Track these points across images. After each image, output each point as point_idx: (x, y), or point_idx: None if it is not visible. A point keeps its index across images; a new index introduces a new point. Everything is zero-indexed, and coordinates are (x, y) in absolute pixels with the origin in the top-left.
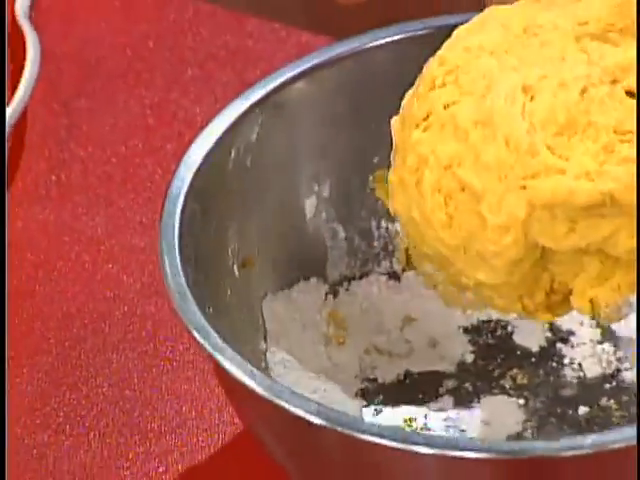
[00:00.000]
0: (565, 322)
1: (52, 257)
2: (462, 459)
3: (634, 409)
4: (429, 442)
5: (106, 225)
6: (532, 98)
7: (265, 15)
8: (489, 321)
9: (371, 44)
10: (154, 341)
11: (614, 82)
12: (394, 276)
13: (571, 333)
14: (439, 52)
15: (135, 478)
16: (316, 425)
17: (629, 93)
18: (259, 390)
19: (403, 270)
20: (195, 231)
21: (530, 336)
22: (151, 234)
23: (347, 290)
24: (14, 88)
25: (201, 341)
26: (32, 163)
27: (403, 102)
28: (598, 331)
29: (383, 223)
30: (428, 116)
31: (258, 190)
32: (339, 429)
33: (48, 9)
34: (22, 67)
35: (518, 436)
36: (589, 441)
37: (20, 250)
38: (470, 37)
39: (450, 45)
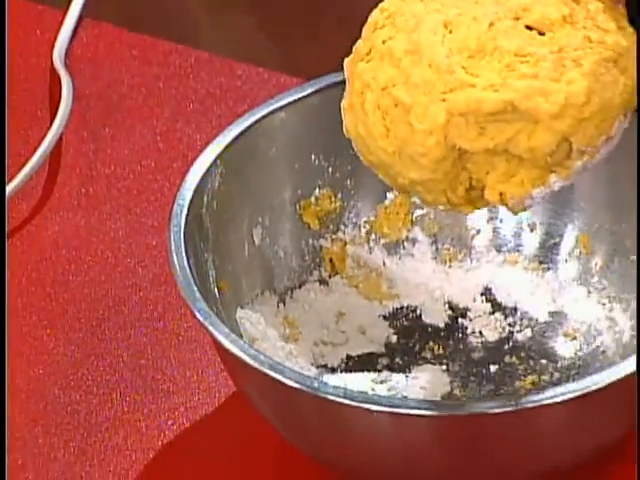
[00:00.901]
0: (461, 301)
1: (82, 254)
2: (411, 415)
3: (532, 362)
4: (383, 402)
5: (125, 228)
6: (451, 31)
7: (251, 61)
8: (401, 308)
9: (334, 80)
10: (164, 320)
11: (516, 18)
12: (324, 282)
13: (467, 309)
14: (381, 4)
15: (149, 429)
16: (292, 387)
17: (528, 27)
18: (247, 359)
19: (330, 276)
20: (195, 238)
21: (436, 315)
22: (162, 235)
23: (292, 298)
24: (52, 120)
25: (201, 320)
26: (66, 179)
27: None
28: (488, 305)
29: (310, 242)
30: (370, 51)
31: (221, 227)
32: (311, 391)
33: (80, 57)
34: (58, 103)
35: (450, 395)
36: (512, 401)
37: (57, 248)
38: None
39: None
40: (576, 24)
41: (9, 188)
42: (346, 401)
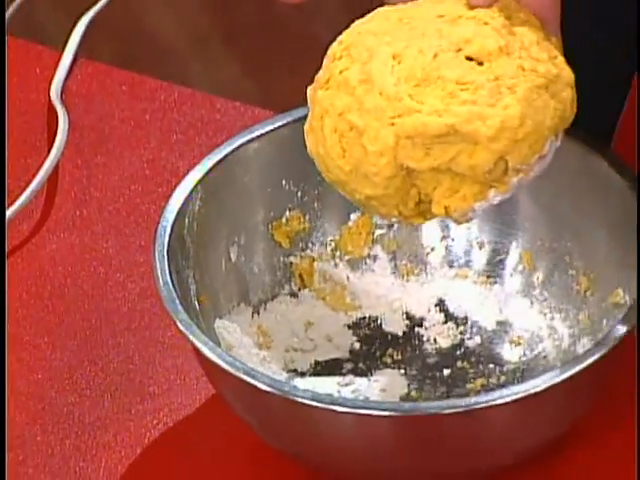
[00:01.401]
0: (417, 311)
1: (77, 269)
2: (372, 415)
3: (481, 366)
4: (347, 403)
5: (115, 246)
6: (399, 62)
7: (229, 96)
8: (364, 318)
9: (302, 113)
10: (150, 329)
11: (458, 50)
12: (294, 295)
13: (423, 319)
14: (339, 37)
15: (136, 427)
16: (265, 391)
17: (468, 58)
18: (224, 365)
19: (299, 289)
20: (177, 256)
21: (395, 324)
22: (148, 253)
23: (265, 309)
24: (49, 150)
25: (183, 330)
26: (62, 202)
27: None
28: (442, 315)
29: (281, 258)
30: (329, 80)
31: (201, 246)
32: (282, 394)
33: (74, 92)
34: (55, 134)
35: (407, 396)
36: (463, 402)
37: (54, 265)
38: (361, 26)
39: (347, 32)
40: (512, 54)
41: (10, 211)
42: (314, 403)
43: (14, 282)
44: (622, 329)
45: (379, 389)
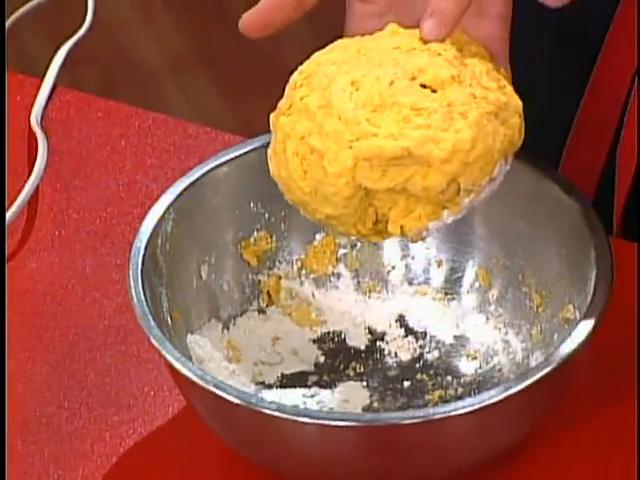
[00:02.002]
0: (379, 326)
1: (56, 287)
2: (335, 426)
3: (439, 378)
4: (311, 414)
5: (92, 265)
6: (357, 89)
7: (205, 119)
8: (328, 332)
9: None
10: (125, 344)
11: (413, 78)
12: (262, 311)
13: (384, 333)
14: (300, 67)
15: (112, 437)
16: (233, 403)
17: (422, 85)
18: (195, 379)
19: (267, 306)
20: (150, 274)
21: (357, 339)
22: (123, 271)
23: (234, 325)
24: (29, 174)
25: (156, 345)
26: (42, 223)
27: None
28: (402, 330)
29: (250, 276)
30: (290, 106)
31: (174, 264)
32: (250, 406)
33: (54, 119)
34: (35, 159)
35: (369, 407)
36: (421, 413)
37: (34, 283)
38: (321, 56)
39: (308, 62)
40: (463, 83)
41: None
42: (279, 414)
43: None
44: (572, 343)
45: (342, 400)
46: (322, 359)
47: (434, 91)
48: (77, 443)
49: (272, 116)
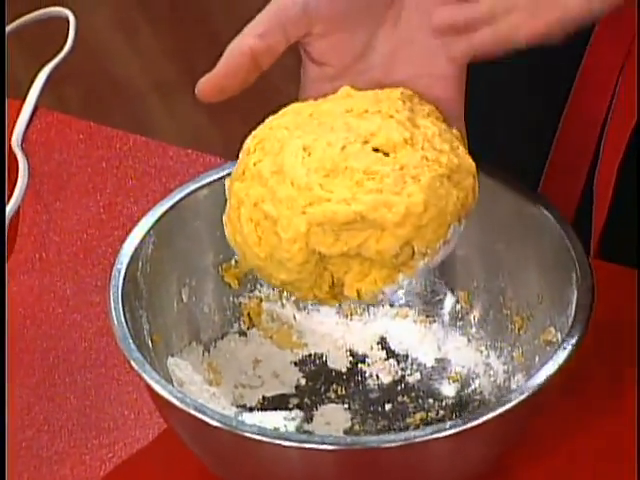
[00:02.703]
0: (360, 349)
1: (36, 310)
2: (316, 449)
3: (421, 401)
4: (292, 437)
5: (73, 287)
6: (309, 154)
7: (184, 142)
8: (309, 355)
9: None
10: (105, 367)
11: (365, 142)
12: (243, 333)
13: (366, 356)
14: (253, 132)
15: (92, 461)
16: (214, 426)
17: (375, 149)
18: (175, 401)
19: (248, 328)
20: (131, 297)
21: (339, 361)
22: (103, 294)
23: (215, 347)
24: (10, 195)
25: (136, 368)
26: (23, 245)
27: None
28: (384, 352)
29: (231, 299)
30: (244, 172)
31: (154, 287)
32: (230, 429)
33: (34, 141)
34: (16, 180)
35: (351, 430)
36: (402, 436)
37: (14, 305)
38: (274, 121)
39: (261, 127)
40: (416, 145)
41: None
42: (260, 437)
43: None
44: (553, 366)
45: (324, 423)
46: (303, 382)
47: (386, 154)
48: (57, 466)
49: (227, 181)
